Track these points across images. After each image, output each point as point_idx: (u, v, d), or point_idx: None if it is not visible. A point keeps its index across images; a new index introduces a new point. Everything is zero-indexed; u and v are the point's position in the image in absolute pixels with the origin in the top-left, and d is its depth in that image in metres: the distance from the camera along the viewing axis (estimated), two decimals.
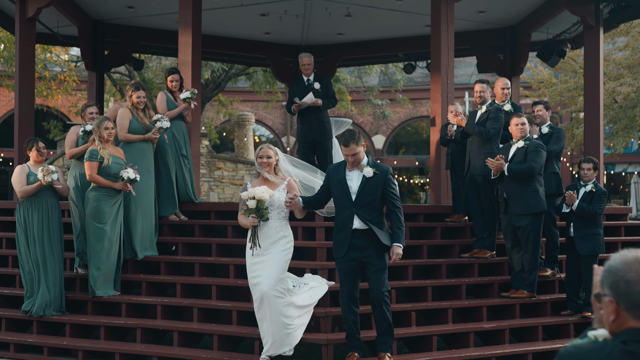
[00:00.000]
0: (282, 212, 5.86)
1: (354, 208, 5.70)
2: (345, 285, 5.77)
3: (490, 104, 7.81)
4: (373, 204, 5.72)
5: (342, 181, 5.75)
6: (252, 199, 5.65)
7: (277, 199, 5.81)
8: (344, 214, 5.75)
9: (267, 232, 5.79)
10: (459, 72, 29.18)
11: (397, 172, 31.23)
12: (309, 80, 9.00)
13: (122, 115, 7.90)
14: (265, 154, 5.93)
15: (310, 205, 5.94)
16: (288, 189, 5.91)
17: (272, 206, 5.77)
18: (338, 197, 5.80)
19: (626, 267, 2.21)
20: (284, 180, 5.97)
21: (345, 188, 5.73)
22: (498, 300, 7.42)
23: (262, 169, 5.91)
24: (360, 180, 5.72)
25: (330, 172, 5.93)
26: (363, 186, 5.70)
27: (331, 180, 5.85)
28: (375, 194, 5.71)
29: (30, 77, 9.93)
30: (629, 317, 2.18)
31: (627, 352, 2.11)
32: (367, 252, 5.72)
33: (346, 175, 5.78)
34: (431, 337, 6.68)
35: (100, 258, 7.25)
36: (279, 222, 5.85)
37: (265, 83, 21.82)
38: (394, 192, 5.77)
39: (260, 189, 5.67)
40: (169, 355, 6.55)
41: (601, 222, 7.37)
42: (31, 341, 7.10)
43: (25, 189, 7.22)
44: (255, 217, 5.70)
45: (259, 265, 5.79)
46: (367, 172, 5.71)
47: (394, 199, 5.76)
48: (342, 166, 5.86)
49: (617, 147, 21.29)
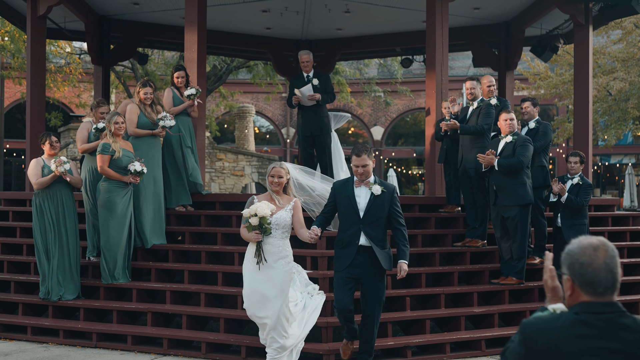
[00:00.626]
0: (286, 232, 5.80)
1: (361, 225, 5.73)
2: (341, 296, 5.77)
3: (481, 100, 8.20)
4: (379, 222, 5.77)
5: (351, 198, 5.78)
6: (254, 216, 5.59)
7: (283, 219, 5.74)
8: (350, 230, 5.76)
9: (271, 250, 5.72)
10: (457, 64, 29.52)
11: (395, 163, 31.63)
12: (309, 76, 9.39)
13: (131, 111, 8.29)
14: (277, 173, 5.82)
15: (323, 227, 5.90)
16: (294, 209, 5.83)
17: (277, 225, 5.70)
18: (345, 213, 5.82)
19: (581, 252, 2.62)
20: (291, 200, 5.88)
21: (354, 204, 5.76)
22: (488, 286, 7.83)
23: (272, 188, 5.82)
24: (369, 197, 5.75)
25: (337, 188, 5.92)
26: (371, 204, 5.73)
27: (338, 197, 5.86)
28: (382, 211, 5.75)
29: (41, 72, 10.31)
30: (582, 293, 2.59)
31: (579, 321, 2.53)
32: (368, 270, 5.75)
33: (354, 191, 5.79)
34: (425, 321, 7.10)
35: (111, 246, 7.66)
36: (282, 242, 5.78)
37: (265, 75, 22.15)
38: (399, 211, 5.83)
39: (262, 206, 5.58)
40: (178, 337, 6.98)
41: (586, 212, 7.77)
42: (47, 324, 7.52)
43: (40, 181, 7.61)
44: (259, 232, 5.64)
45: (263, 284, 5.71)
46: (375, 190, 5.74)
47: (399, 217, 5.82)
48: (349, 182, 5.88)
49: (609, 140, 21.65)
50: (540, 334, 2.54)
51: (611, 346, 2.49)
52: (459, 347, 7.06)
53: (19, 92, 24.08)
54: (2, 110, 22.91)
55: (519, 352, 2.59)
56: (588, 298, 2.58)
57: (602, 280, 2.56)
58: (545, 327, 2.56)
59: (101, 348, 7.19)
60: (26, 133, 10.14)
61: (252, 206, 5.63)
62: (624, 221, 10.01)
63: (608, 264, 2.58)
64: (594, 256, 2.59)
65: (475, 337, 7.06)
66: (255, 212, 5.57)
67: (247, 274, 5.85)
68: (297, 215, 5.83)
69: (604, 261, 2.58)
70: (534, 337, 2.55)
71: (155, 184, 8.20)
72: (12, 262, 8.67)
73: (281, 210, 5.77)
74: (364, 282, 5.79)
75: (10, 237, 9.16)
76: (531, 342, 2.55)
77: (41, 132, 9.94)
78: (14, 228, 9.22)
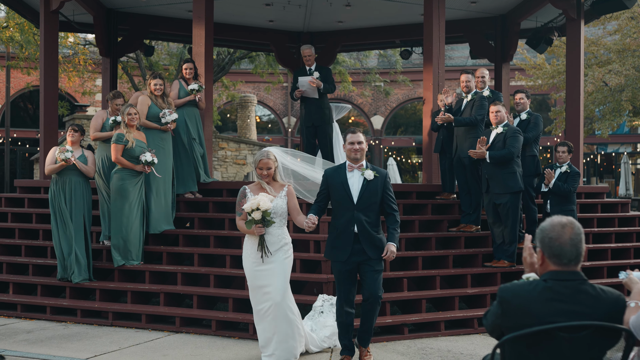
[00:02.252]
0: (283, 219, 5.81)
1: (355, 211, 5.69)
2: (343, 288, 5.79)
3: (475, 93, 8.62)
4: (373, 207, 5.74)
5: (344, 183, 5.73)
6: (256, 210, 5.55)
7: (280, 207, 5.75)
8: (344, 217, 5.72)
9: (271, 240, 5.76)
10: (456, 54, 29.89)
11: (395, 152, 32.05)
12: (311, 69, 9.82)
13: (142, 102, 8.72)
14: (266, 165, 5.81)
15: (320, 216, 5.85)
16: (288, 195, 5.85)
17: (275, 214, 5.71)
18: (338, 200, 5.76)
19: (551, 228, 3.08)
20: (283, 188, 5.87)
21: (347, 190, 5.71)
22: (481, 269, 8.27)
23: (262, 180, 5.83)
24: (362, 182, 5.72)
25: (329, 175, 5.84)
26: (364, 189, 5.71)
27: (331, 184, 5.79)
28: (375, 196, 5.72)
29: (54, 65, 10.72)
30: (550, 263, 3.05)
31: (547, 287, 2.98)
32: (366, 256, 5.70)
33: (347, 177, 5.76)
34: (421, 301, 7.55)
35: (123, 231, 8.11)
36: (280, 230, 5.81)
37: (267, 66, 22.52)
38: (391, 196, 5.80)
39: (263, 200, 5.55)
40: (190, 315, 7.43)
41: (574, 199, 8.21)
42: (66, 304, 7.97)
43: (49, 168, 8.07)
44: (262, 226, 5.64)
45: (265, 273, 5.80)
46: (368, 175, 5.71)
47: (392, 202, 5.79)
48: (341, 169, 5.83)
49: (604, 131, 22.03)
50: (514, 297, 3.00)
51: (573, 309, 2.94)
52: (453, 325, 7.52)
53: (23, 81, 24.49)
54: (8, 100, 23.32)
55: (496, 312, 3.05)
56: (555, 267, 3.03)
57: (567, 253, 3.01)
58: (518, 291, 3.01)
59: (117, 326, 7.64)
60: (40, 123, 10.56)
61: (253, 200, 5.56)
62: (613, 208, 10.45)
63: (573, 239, 3.04)
64: (562, 232, 3.05)
65: (468, 315, 7.51)
66: (257, 206, 5.51)
67: (248, 269, 5.89)
68: (292, 201, 5.85)
69: (570, 237, 3.04)
70: (509, 299, 3.01)
71: (165, 173, 8.63)
72: (29, 246, 9.12)
73: (276, 199, 5.75)
74: (363, 269, 5.76)
75: (26, 223, 9.60)
76: (507, 304, 3.01)
77: (54, 123, 10.44)
78: (30, 214, 9.67)
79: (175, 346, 6.74)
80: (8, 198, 10.17)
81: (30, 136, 28.02)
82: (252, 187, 5.91)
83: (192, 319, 7.48)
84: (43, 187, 10.00)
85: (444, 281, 8.08)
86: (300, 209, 5.91)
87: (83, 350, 6.54)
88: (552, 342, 2.89)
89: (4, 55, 21.90)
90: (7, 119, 23.43)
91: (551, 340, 2.89)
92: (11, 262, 8.89)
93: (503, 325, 3.04)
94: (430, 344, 6.94)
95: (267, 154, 5.83)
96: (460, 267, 8.46)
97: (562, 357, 2.90)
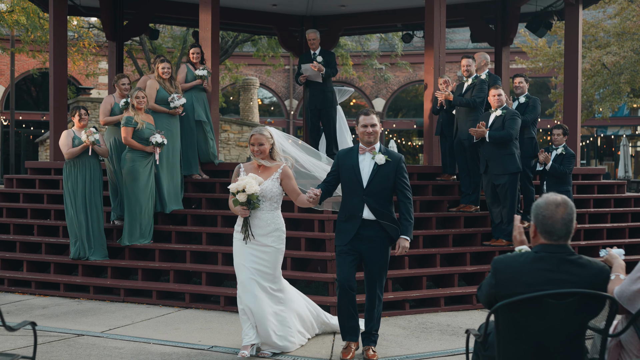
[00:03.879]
0: (275, 203, 5.54)
1: (364, 196, 5.38)
2: (344, 271, 5.44)
3: (475, 77, 8.85)
4: (384, 193, 5.42)
5: (355, 167, 5.44)
6: (241, 192, 5.32)
7: (270, 190, 5.48)
8: (352, 202, 5.42)
9: (259, 224, 5.49)
10: (458, 37, 30.01)
11: (396, 135, 32.28)
12: (315, 54, 10.05)
13: (150, 86, 8.95)
14: (257, 141, 5.52)
15: (324, 193, 5.53)
16: (282, 177, 5.57)
17: (264, 198, 5.46)
18: (347, 183, 5.47)
19: (545, 206, 3.34)
20: (279, 167, 5.59)
21: (357, 174, 5.42)
22: (480, 247, 8.54)
23: (255, 156, 5.57)
24: (372, 167, 5.42)
25: (340, 156, 5.57)
26: (375, 173, 5.40)
27: (341, 165, 5.52)
28: (387, 182, 5.40)
29: (63, 49, 10.94)
30: (541, 237, 3.31)
31: (537, 257, 3.26)
32: (371, 246, 5.41)
33: (359, 160, 5.47)
34: (422, 278, 7.84)
35: (134, 211, 8.38)
36: (270, 214, 5.53)
37: (269, 49, 22.70)
38: (405, 182, 5.46)
39: (250, 182, 5.30)
40: (199, 292, 7.72)
41: (570, 180, 8.47)
42: (79, 281, 8.27)
43: (71, 151, 8.30)
44: (246, 208, 5.40)
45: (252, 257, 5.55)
46: (379, 159, 5.41)
47: (406, 189, 5.46)
48: (353, 151, 5.54)
49: (604, 113, 22.22)
50: (506, 268, 3.27)
51: (561, 277, 3.22)
52: (452, 301, 7.81)
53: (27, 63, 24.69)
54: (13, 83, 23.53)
55: (490, 282, 3.32)
56: (546, 241, 3.30)
57: (558, 231, 3.28)
58: (511, 262, 3.29)
59: (128, 302, 7.94)
60: (50, 107, 10.80)
61: (240, 181, 5.33)
62: (609, 189, 10.72)
63: (565, 218, 3.30)
64: (555, 211, 3.31)
65: (467, 292, 7.80)
66: (243, 187, 5.28)
67: (236, 248, 5.64)
68: (289, 183, 5.57)
69: (562, 216, 3.30)
70: (502, 270, 3.28)
71: (173, 154, 8.88)
72: (41, 226, 9.40)
73: (267, 181, 5.49)
74: (367, 259, 5.45)
75: (38, 203, 9.87)
76: (500, 274, 3.28)
77: (64, 106, 10.70)
78: (41, 195, 9.93)
79: (185, 320, 7.04)
80: (20, 179, 10.44)
81: (34, 118, 28.26)
82: (247, 166, 5.67)
83: (201, 295, 7.77)
84: (53, 169, 10.26)
85: (444, 259, 8.35)
86: (299, 191, 5.62)
87: (98, 324, 6.84)
88: (541, 308, 3.16)
89: (9, 38, 22.08)
90: (12, 102, 23.66)
91: (540, 306, 3.16)
92: (24, 241, 9.18)
93: (497, 295, 3.31)
94: (430, 318, 7.24)
95: (260, 130, 5.56)
96: (460, 245, 8.73)
97: (551, 321, 3.17)
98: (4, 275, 8.62)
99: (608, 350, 3.52)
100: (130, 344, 6.05)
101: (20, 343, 5.96)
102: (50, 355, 5.61)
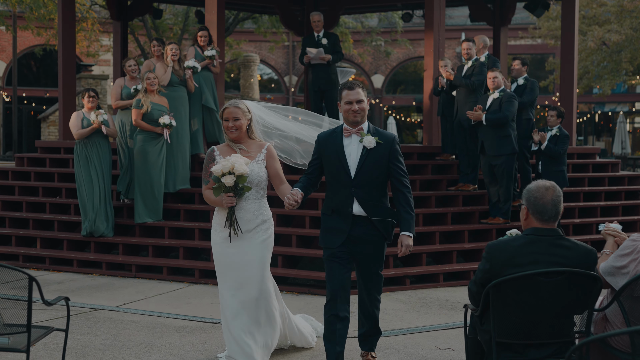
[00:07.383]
0: (262, 190, 4.64)
1: (352, 188, 4.47)
2: (336, 279, 4.50)
3: (475, 60, 9.10)
4: (376, 182, 4.51)
5: (339, 152, 4.50)
6: (228, 174, 4.35)
7: (256, 174, 4.55)
8: (339, 195, 4.51)
9: (245, 216, 4.56)
10: (457, 13, 30.03)
11: (395, 111, 32.48)
12: (319, 36, 10.27)
13: (160, 68, 9.20)
14: (232, 115, 4.57)
15: (307, 191, 4.58)
16: (267, 158, 4.65)
17: (250, 183, 4.52)
18: (332, 172, 4.55)
19: (536, 189, 3.65)
20: (263, 147, 4.67)
21: (343, 161, 4.49)
22: (478, 225, 8.85)
23: (229, 135, 4.61)
24: (361, 151, 4.48)
25: (321, 140, 4.61)
26: (364, 159, 4.47)
27: (323, 152, 4.58)
28: (379, 169, 4.49)
29: (71, 29, 11.17)
30: (533, 219, 3.62)
31: (529, 240, 3.56)
32: (365, 247, 4.53)
33: (344, 144, 4.52)
34: (421, 255, 8.16)
35: (144, 190, 8.67)
36: (257, 204, 4.61)
37: (270, 26, 22.83)
38: (401, 167, 4.55)
39: (238, 161, 4.37)
40: (208, 268, 8.04)
41: (565, 160, 8.76)
42: (91, 258, 8.60)
43: (80, 132, 8.57)
44: (233, 195, 4.44)
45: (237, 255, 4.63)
46: (367, 142, 4.48)
47: (402, 175, 4.55)
48: (337, 133, 4.57)
49: (605, 89, 22.42)
50: (500, 252, 3.59)
51: (551, 259, 3.52)
52: (451, 277, 8.15)
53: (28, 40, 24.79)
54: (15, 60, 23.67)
55: (485, 267, 3.64)
56: (537, 224, 3.61)
57: (547, 211, 3.58)
58: (504, 246, 3.60)
59: (140, 278, 8.28)
60: (59, 85, 11.07)
61: (225, 162, 4.37)
62: (604, 168, 11.02)
63: (554, 200, 3.61)
64: (545, 194, 3.62)
65: (465, 268, 8.13)
66: (231, 168, 4.34)
67: (216, 248, 4.70)
68: (274, 165, 4.66)
69: (551, 198, 3.61)
70: (495, 254, 3.60)
71: (182, 135, 9.15)
72: (53, 204, 9.69)
73: (252, 163, 4.56)
74: (363, 265, 4.60)
75: (49, 182, 10.16)
76: (494, 259, 3.59)
77: (73, 84, 10.94)
78: (52, 173, 10.22)
79: (196, 295, 7.37)
80: (30, 158, 10.71)
81: (36, 94, 28.40)
82: (222, 148, 4.69)
83: (210, 271, 8.08)
84: (63, 148, 10.53)
85: (443, 237, 8.66)
86: (284, 178, 4.74)
87: (112, 299, 7.17)
88: (533, 285, 3.47)
89: (11, 15, 22.17)
90: (14, 79, 23.81)
91: (532, 283, 3.47)
92: (37, 218, 9.48)
93: (491, 279, 3.61)
94: (429, 294, 7.58)
95: (234, 102, 4.64)
96: (458, 223, 9.02)
97: (542, 297, 3.49)
98: (19, 252, 8.94)
99: (594, 324, 3.85)
100: (145, 318, 6.39)
101: (41, 317, 6.28)
102: (71, 328, 5.93)
